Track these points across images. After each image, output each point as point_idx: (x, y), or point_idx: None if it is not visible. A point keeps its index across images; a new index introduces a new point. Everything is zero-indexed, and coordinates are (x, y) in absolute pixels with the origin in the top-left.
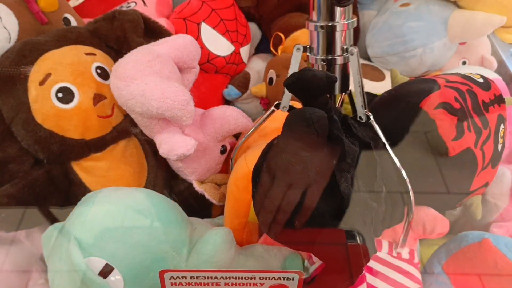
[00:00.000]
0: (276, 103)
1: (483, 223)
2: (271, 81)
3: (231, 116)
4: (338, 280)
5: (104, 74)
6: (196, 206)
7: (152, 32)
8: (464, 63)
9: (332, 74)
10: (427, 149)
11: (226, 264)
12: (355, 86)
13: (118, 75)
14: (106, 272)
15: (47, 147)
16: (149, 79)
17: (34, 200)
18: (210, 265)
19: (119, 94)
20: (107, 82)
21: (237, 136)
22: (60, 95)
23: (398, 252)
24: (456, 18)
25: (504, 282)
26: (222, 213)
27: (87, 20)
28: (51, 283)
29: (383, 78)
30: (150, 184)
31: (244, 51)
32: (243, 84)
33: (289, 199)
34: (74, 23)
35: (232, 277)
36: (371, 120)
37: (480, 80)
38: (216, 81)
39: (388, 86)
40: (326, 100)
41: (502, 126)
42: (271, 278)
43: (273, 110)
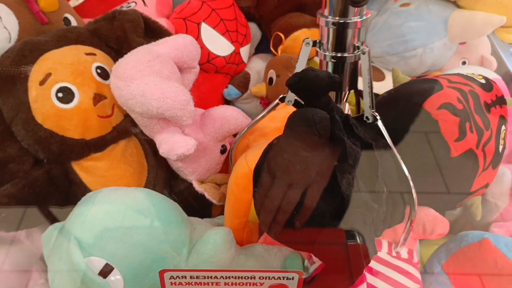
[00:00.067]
0: (281, 96)
1: (483, 223)
2: (271, 81)
3: (231, 116)
4: (338, 280)
5: (104, 74)
6: (196, 206)
7: (152, 32)
8: (464, 63)
9: (334, 74)
10: (429, 149)
11: (226, 264)
12: (364, 86)
13: (118, 75)
14: (106, 272)
15: (47, 147)
16: (149, 79)
17: (34, 200)
18: (210, 265)
19: (119, 94)
20: (107, 82)
21: (237, 135)
22: (60, 95)
23: (397, 251)
24: (456, 18)
25: (504, 282)
26: (222, 213)
27: (87, 20)
28: (51, 283)
29: (383, 78)
30: (150, 184)
31: (244, 51)
32: (243, 84)
33: (289, 199)
34: (74, 23)
35: (232, 276)
36: (378, 121)
37: (482, 81)
38: (216, 81)
39: (388, 86)
40: (328, 100)
41: (503, 127)
42: (271, 278)
43: (277, 103)
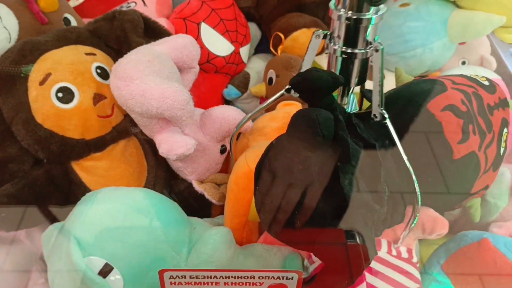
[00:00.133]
0: (287, 87)
1: (483, 222)
2: (270, 81)
3: (230, 116)
4: (338, 279)
5: (104, 74)
6: (196, 206)
7: (152, 32)
8: (463, 63)
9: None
10: (431, 150)
11: (225, 264)
12: (375, 84)
13: (118, 75)
14: (105, 271)
15: (47, 147)
16: (148, 79)
17: (34, 200)
18: (209, 264)
19: (119, 94)
20: (107, 82)
21: (237, 136)
22: (60, 95)
23: (397, 251)
24: (455, 18)
25: (503, 282)
26: (221, 212)
27: (87, 20)
28: (51, 283)
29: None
30: (150, 184)
31: (244, 51)
32: (243, 84)
33: (291, 198)
34: (74, 23)
35: (232, 276)
36: (386, 120)
37: (486, 83)
38: (216, 81)
39: (387, 86)
40: (332, 100)
41: (505, 130)
42: (270, 278)
43: (282, 94)
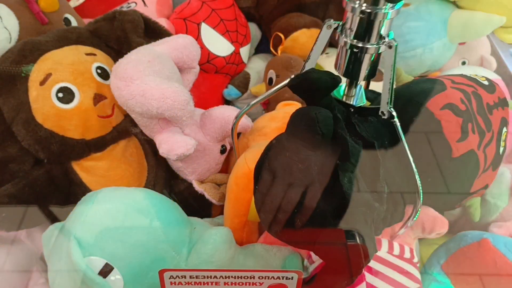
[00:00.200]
0: (293, 77)
1: (483, 222)
2: (271, 81)
3: (231, 116)
4: (338, 279)
5: (104, 74)
6: (196, 206)
7: (152, 32)
8: (463, 63)
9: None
10: (430, 149)
11: (225, 264)
12: (385, 81)
13: (118, 75)
14: (106, 271)
15: (47, 147)
16: (149, 79)
17: (34, 200)
18: (209, 264)
19: (119, 94)
20: (107, 82)
21: (237, 135)
22: (60, 95)
23: (398, 251)
24: (455, 18)
25: (503, 282)
26: (222, 212)
27: (87, 20)
28: (51, 283)
29: (382, 78)
30: (150, 184)
31: (244, 51)
32: (243, 84)
33: (291, 197)
34: (74, 23)
35: (232, 276)
36: (394, 118)
37: (485, 83)
38: (216, 81)
39: None
40: (330, 100)
41: (504, 129)
42: (270, 278)
43: (286, 84)
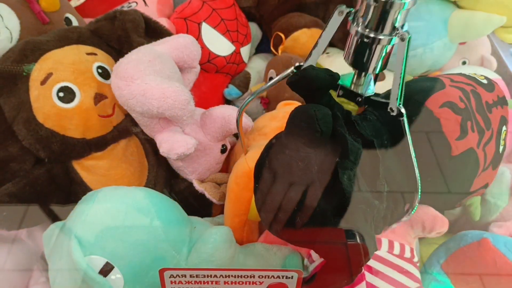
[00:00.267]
0: (297, 65)
1: (483, 222)
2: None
3: (231, 116)
4: (337, 278)
5: (105, 74)
6: (196, 205)
7: (153, 32)
8: (464, 63)
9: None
10: (430, 147)
11: (225, 263)
12: (396, 75)
13: (119, 74)
14: (106, 270)
15: (48, 146)
16: (149, 78)
17: (35, 199)
18: (210, 263)
19: (119, 93)
20: (108, 82)
21: (237, 135)
22: (61, 94)
23: (399, 251)
24: (456, 18)
25: (503, 282)
26: (222, 212)
27: (88, 20)
28: (52, 282)
29: (383, 78)
30: (151, 183)
31: (245, 51)
32: (244, 84)
33: (291, 196)
34: (75, 23)
35: (232, 275)
36: (403, 117)
37: (484, 81)
38: (217, 80)
39: (388, 86)
40: (329, 97)
41: (504, 128)
42: (270, 277)
43: (292, 71)
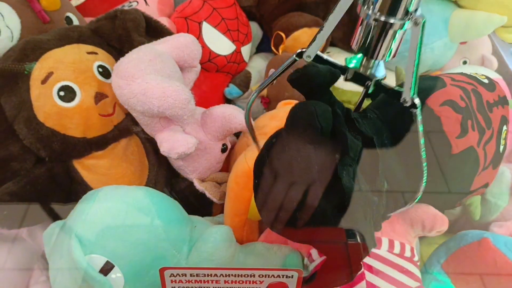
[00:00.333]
0: (298, 51)
1: (483, 222)
2: None
3: (231, 115)
4: (337, 277)
5: (105, 73)
6: (197, 205)
7: (153, 31)
8: (464, 62)
9: (336, 70)
10: (430, 145)
11: (226, 262)
12: (409, 63)
13: (120, 73)
14: (106, 269)
15: (49, 146)
16: (150, 77)
17: (36, 198)
18: (210, 263)
19: (120, 92)
20: (108, 81)
21: (237, 134)
22: (62, 93)
23: (399, 250)
24: (456, 18)
25: (504, 281)
26: (222, 211)
27: (89, 19)
28: (52, 281)
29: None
30: (151, 182)
31: (245, 50)
32: (244, 83)
33: (291, 193)
34: (76, 22)
35: (232, 274)
36: (417, 108)
37: (485, 81)
38: (217, 80)
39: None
40: (330, 94)
41: (504, 128)
42: (270, 276)
43: (294, 60)
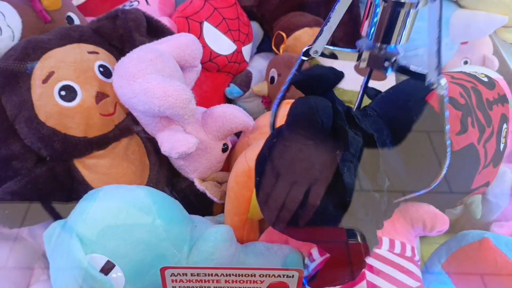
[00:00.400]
0: (305, 49)
1: (484, 222)
2: (272, 80)
3: (232, 115)
4: (339, 276)
5: (106, 73)
6: (197, 204)
7: (154, 31)
8: (466, 62)
9: (340, 71)
10: (430, 142)
11: (226, 261)
12: (431, 41)
13: (121, 73)
14: (107, 269)
15: (50, 145)
16: (151, 77)
17: (37, 197)
18: (210, 262)
19: (121, 92)
20: (109, 81)
21: (238, 134)
22: (63, 93)
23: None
24: (457, 18)
25: (504, 281)
26: (223, 211)
27: (90, 19)
28: (53, 280)
29: (384, 78)
30: (152, 182)
31: (246, 50)
32: (245, 83)
33: (293, 189)
34: (77, 21)
35: (233, 274)
36: (444, 89)
37: (485, 79)
38: (218, 79)
39: (388, 85)
40: (331, 93)
41: (505, 126)
42: (271, 276)
43: (302, 60)
